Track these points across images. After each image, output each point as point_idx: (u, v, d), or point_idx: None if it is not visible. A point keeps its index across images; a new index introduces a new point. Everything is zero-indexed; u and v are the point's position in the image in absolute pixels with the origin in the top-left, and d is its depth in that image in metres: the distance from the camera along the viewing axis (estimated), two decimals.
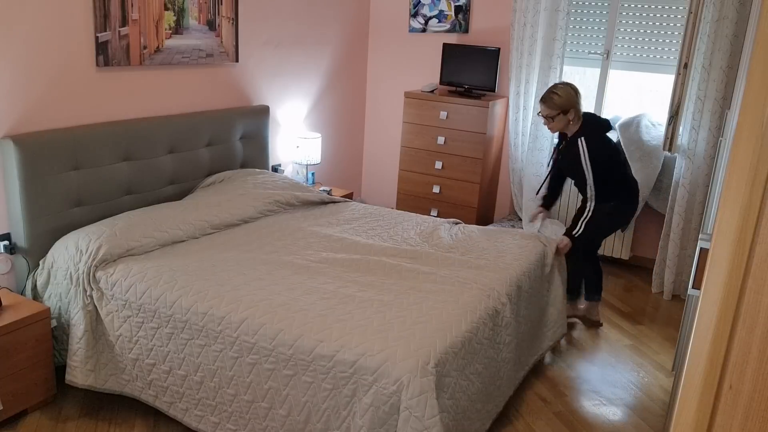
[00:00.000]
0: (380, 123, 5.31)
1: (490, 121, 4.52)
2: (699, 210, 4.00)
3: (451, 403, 2.18)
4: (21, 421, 2.60)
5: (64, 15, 2.90)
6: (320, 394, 2.15)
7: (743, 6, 3.65)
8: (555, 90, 3.25)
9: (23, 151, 2.72)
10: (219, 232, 3.11)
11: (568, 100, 3.22)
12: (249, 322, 2.29)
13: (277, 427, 2.26)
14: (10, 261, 2.88)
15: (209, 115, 3.64)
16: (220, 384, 2.35)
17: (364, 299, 2.45)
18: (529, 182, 4.47)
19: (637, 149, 4.20)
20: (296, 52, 4.43)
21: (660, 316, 3.90)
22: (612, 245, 4.56)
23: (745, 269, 1.01)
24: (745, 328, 1.02)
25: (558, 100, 3.23)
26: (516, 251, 3.06)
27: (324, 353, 2.14)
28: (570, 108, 3.24)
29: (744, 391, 1.04)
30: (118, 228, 2.82)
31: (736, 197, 0.99)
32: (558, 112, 3.24)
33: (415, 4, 4.91)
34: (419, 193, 4.84)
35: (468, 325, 2.35)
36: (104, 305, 2.61)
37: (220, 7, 3.71)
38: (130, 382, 2.59)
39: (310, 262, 2.79)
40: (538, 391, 3.00)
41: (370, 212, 3.58)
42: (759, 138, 0.97)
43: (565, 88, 3.25)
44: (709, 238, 1.15)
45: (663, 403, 2.96)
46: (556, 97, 3.23)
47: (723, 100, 3.82)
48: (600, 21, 4.37)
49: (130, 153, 3.20)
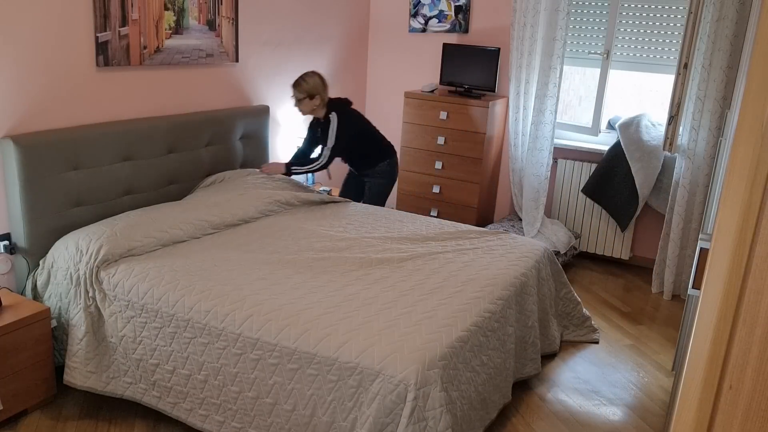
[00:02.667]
0: (380, 123, 5.31)
1: (490, 121, 4.52)
2: (699, 210, 4.00)
3: (458, 395, 2.20)
4: (21, 421, 2.60)
5: (64, 15, 2.90)
6: (326, 386, 2.16)
7: (743, 6, 3.65)
8: (305, 77, 3.71)
9: (23, 151, 2.72)
10: (220, 231, 3.11)
11: (314, 87, 3.69)
12: (253, 320, 2.31)
13: (282, 422, 2.26)
14: (10, 261, 2.88)
15: (209, 115, 3.64)
16: (225, 382, 2.36)
17: (368, 297, 2.49)
18: (529, 182, 4.47)
19: (637, 149, 4.20)
20: (296, 52, 4.43)
21: (660, 316, 3.91)
22: (612, 245, 4.56)
23: (745, 269, 1.01)
24: (745, 328, 1.02)
25: (305, 86, 3.69)
26: (520, 250, 3.08)
27: (330, 345, 2.17)
28: (316, 94, 3.70)
29: (744, 391, 1.04)
30: (119, 228, 2.82)
31: (736, 197, 0.99)
32: (305, 96, 3.70)
33: (415, 4, 4.91)
34: (419, 193, 4.84)
35: (473, 319, 2.39)
36: (107, 306, 2.61)
37: (220, 7, 3.71)
38: (132, 384, 2.59)
39: (313, 261, 2.80)
40: (538, 391, 3.00)
41: (371, 212, 3.59)
42: (759, 138, 0.97)
43: (314, 77, 3.71)
44: (709, 238, 1.15)
45: (663, 403, 2.96)
46: (304, 84, 3.69)
47: (723, 100, 3.82)
48: (600, 21, 4.37)
49: (130, 153, 3.20)
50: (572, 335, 3.45)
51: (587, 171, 4.54)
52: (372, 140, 4.00)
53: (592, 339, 3.47)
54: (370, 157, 4.00)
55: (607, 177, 4.36)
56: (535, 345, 2.94)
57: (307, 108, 3.75)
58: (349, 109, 3.87)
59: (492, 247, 3.14)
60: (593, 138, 4.60)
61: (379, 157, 4.01)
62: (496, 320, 2.55)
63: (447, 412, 2.07)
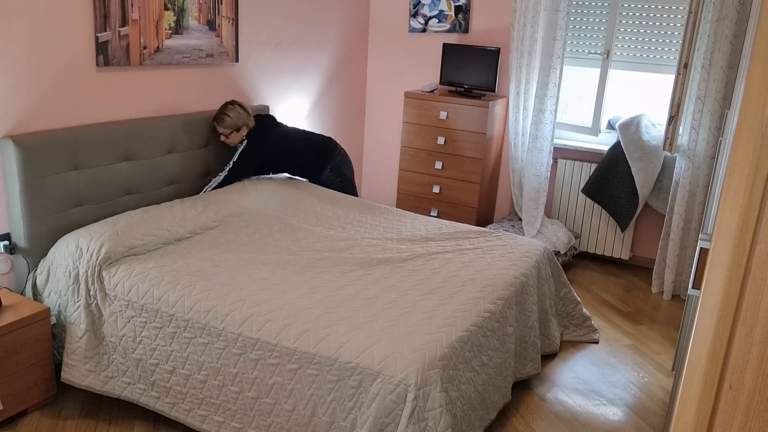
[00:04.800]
0: (380, 123, 5.31)
1: (490, 121, 4.52)
2: (699, 210, 4.00)
3: (458, 395, 2.21)
4: (21, 421, 2.60)
5: (64, 15, 2.90)
6: (325, 386, 2.16)
7: (743, 6, 3.65)
8: (226, 111, 3.54)
9: (23, 151, 2.72)
10: (220, 231, 3.11)
11: (237, 119, 3.56)
12: (253, 319, 2.31)
13: (282, 422, 2.26)
14: (10, 261, 2.88)
15: (209, 115, 3.64)
16: (224, 382, 2.36)
17: (368, 297, 2.49)
18: (529, 182, 4.47)
19: (637, 149, 4.20)
20: (296, 52, 4.43)
21: (660, 316, 3.91)
22: (612, 245, 4.56)
23: (745, 269, 1.01)
24: (745, 328, 1.02)
25: (230, 121, 3.54)
26: (520, 250, 3.08)
27: (330, 345, 2.17)
28: (242, 126, 3.58)
29: (744, 391, 1.04)
30: (120, 227, 2.82)
31: (736, 197, 0.99)
32: (231, 131, 3.57)
33: (415, 4, 4.91)
34: (419, 193, 4.84)
35: (473, 319, 2.39)
36: (107, 306, 2.62)
37: (220, 7, 3.71)
38: (131, 384, 2.59)
39: (313, 262, 2.80)
40: (538, 391, 3.00)
41: (371, 212, 3.59)
42: (759, 138, 0.97)
43: (234, 109, 3.56)
44: (709, 238, 1.15)
45: (663, 403, 2.96)
46: (227, 119, 3.54)
47: (723, 100, 3.82)
48: (600, 21, 4.37)
49: (130, 153, 3.20)
50: (572, 335, 3.45)
51: (587, 171, 4.55)
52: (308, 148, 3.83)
53: (592, 339, 3.48)
54: (315, 164, 3.86)
55: (607, 177, 4.36)
56: (535, 345, 2.94)
57: (237, 140, 3.61)
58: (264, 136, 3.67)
59: (492, 247, 3.14)
60: (593, 138, 4.60)
61: (323, 162, 3.86)
62: (496, 320, 2.55)
63: (447, 412, 2.07)
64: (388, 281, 2.65)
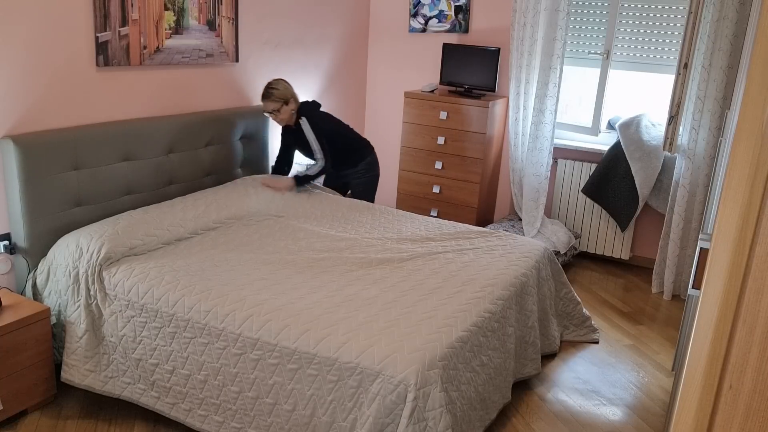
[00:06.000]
0: (380, 123, 5.31)
1: (490, 121, 4.52)
2: (699, 210, 4.00)
3: (458, 395, 2.21)
4: (21, 421, 2.60)
5: (64, 15, 2.90)
6: (325, 386, 2.16)
7: (743, 6, 3.65)
8: (273, 85, 3.62)
9: (23, 151, 2.72)
10: (220, 231, 3.11)
11: (285, 91, 3.63)
12: (253, 319, 2.31)
13: (282, 422, 2.26)
14: (10, 261, 2.88)
15: (209, 115, 3.64)
16: (224, 382, 2.36)
17: (369, 297, 2.49)
18: (529, 182, 4.47)
19: (637, 149, 4.20)
20: (296, 52, 4.43)
21: (660, 316, 3.90)
22: (612, 245, 4.56)
23: (745, 269, 1.01)
24: (745, 328, 1.02)
25: (278, 93, 3.61)
26: (520, 250, 3.08)
27: (330, 345, 2.17)
28: (290, 98, 3.64)
29: (744, 391, 1.04)
30: (120, 227, 2.82)
31: (736, 197, 0.99)
32: (281, 104, 3.62)
33: (415, 4, 4.91)
34: (419, 193, 4.84)
35: (473, 319, 2.39)
36: (107, 306, 2.62)
37: (220, 7, 3.71)
38: (131, 384, 2.59)
39: (313, 262, 2.80)
40: (538, 391, 3.00)
41: (371, 212, 3.58)
42: (759, 138, 0.97)
43: (281, 82, 3.64)
44: (709, 238, 1.15)
45: (663, 403, 2.96)
46: (275, 92, 3.61)
47: (723, 100, 3.82)
48: (600, 21, 4.37)
49: (130, 153, 3.20)
50: (572, 335, 3.45)
51: (587, 171, 4.54)
52: (346, 140, 3.93)
53: (592, 339, 3.48)
54: (348, 157, 3.95)
55: (607, 177, 4.36)
56: (535, 345, 2.94)
57: (286, 115, 3.66)
58: (317, 112, 3.80)
59: (492, 247, 3.14)
60: (593, 138, 4.60)
61: (358, 157, 3.96)
62: (496, 320, 2.55)
63: (447, 412, 2.07)
64: (388, 281, 2.65)
